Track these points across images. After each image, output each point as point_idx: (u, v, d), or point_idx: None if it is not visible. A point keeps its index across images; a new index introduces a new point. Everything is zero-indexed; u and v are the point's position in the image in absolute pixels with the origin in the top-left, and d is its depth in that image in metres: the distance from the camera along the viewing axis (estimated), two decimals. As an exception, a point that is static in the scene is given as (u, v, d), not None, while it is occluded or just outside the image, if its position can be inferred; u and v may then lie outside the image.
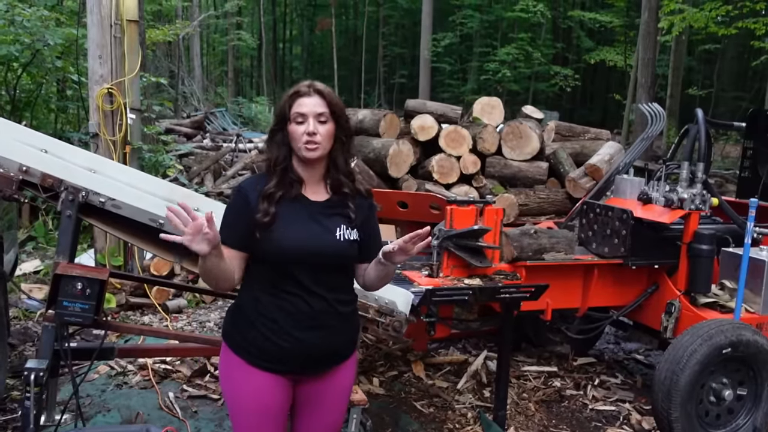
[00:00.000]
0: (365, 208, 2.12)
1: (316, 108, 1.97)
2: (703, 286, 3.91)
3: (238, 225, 1.99)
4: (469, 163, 4.79)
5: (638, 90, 16.79)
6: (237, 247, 1.99)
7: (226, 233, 1.96)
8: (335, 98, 2.02)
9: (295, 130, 1.97)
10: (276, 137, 2.04)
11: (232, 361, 2.06)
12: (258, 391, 2.03)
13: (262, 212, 1.96)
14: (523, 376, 4.50)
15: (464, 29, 29.32)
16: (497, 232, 3.69)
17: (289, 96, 2.01)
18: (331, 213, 2.05)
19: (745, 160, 4.88)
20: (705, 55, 26.55)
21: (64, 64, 7.67)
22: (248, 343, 2.02)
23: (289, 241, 1.96)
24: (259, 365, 2.01)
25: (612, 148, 5.11)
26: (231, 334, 2.09)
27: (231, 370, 2.07)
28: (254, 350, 2.01)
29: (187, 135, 13.60)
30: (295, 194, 2.02)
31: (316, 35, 40.67)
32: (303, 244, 1.97)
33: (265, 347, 2.00)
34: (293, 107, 1.98)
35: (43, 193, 2.82)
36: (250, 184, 2.05)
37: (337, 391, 2.17)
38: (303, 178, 2.04)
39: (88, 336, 4.76)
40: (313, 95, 1.99)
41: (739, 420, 3.60)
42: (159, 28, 12.83)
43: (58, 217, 6.71)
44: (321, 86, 2.02)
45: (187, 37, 21.81)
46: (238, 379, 2.05)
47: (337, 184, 2.06)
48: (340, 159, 2.05)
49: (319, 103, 1.98)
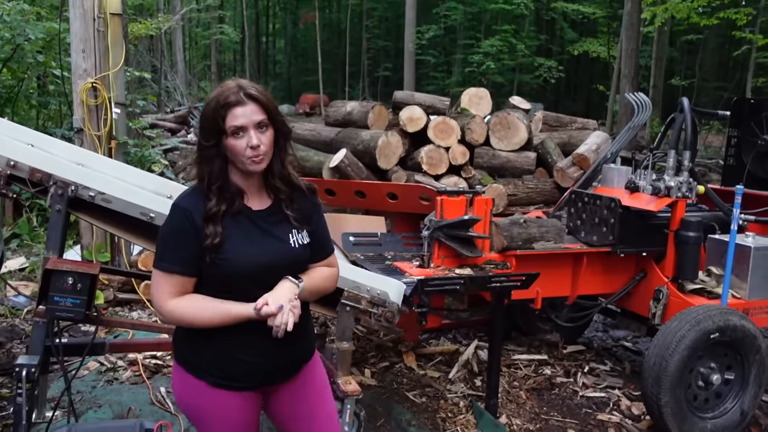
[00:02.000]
0: (308, 206, 1.99)
1: (254, 117, 1.78)
2: (691, 273, 3.95)
3: (188, 250, 1.81)
4: (458, 154, 4.80)
5: (622, 81, 16.95)
6: (191, 273, 1.83)
7: (176, 261, 1.81)
8: (269, 99, 1.83)
9: (235, 145, 1.78)
10: (209, 152, 1.82)
11: (191, 384, 1.92)
12: (225, 412, 1.92)
13: (210, 235, 1.79)
14: (513, 365, 4.53)
15: (448, 21, 29.32)
16: (487, 222, 3.71)
17: (221, 107, 1.77)
18: (277, 220, 1.92)
19: (730, 148, 4.94)
20: (687, 45, 26.77)
21: (45, 59, 7.56)
22: (207, 364, 1.90)
23: (244, 260, 1.83)
24: (223, 385, 1.90)
25: (599, 138, 5.14)
26: (186, 358, 1.94)
27: (192, 395, 1.94)
28: (214, 371, 1.89)
29: (171, 130, 13.50)
30: (239, 207, 1.87)
31: (300, 28, 40.52)
32: (259, 261, 1.84)
33: (226, 366, 1.89)
34: (227, 119, 1.77)
35: (32, 188, 2.79)
36: (191, 203, 1.84)
37: (315, 386, 2.11)
38: (243, 189, 1.89)
39: (76, 333, 4.73)
40: (248, 102, 1.78)
41: (727, 403, 3.65)
42: (141, 22, 12.70)
43: (43, 214, 6.69)
44: (253, 90, 1.80)
45: (170, 32, 21.63)
46: (201, 403, 1.93)
47: (275, 189, 1.92)
48: (277, 164, 1.89)
49: (255, 110, 1.78)
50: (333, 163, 4.64)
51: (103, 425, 2.96)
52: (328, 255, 2.09)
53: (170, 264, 1.82)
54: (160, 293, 1.84)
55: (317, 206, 2.04)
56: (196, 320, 1.84)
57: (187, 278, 1.83)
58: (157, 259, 1.85)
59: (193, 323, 1.85)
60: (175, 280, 1.82)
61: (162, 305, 1.84)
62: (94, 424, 3.06)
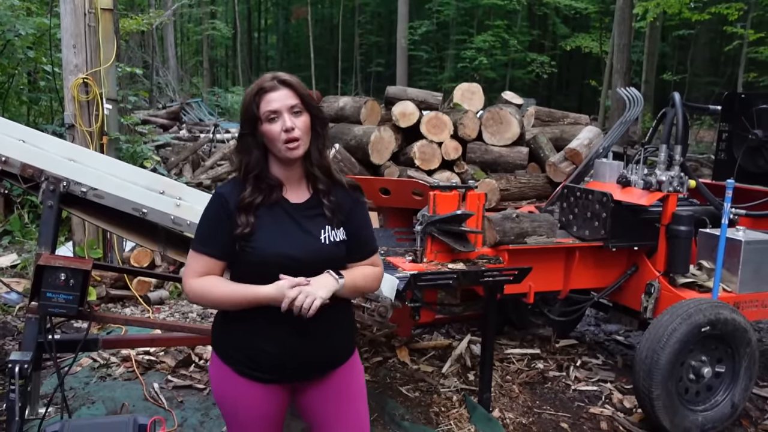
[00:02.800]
0: (348, 202, 1.98)
1: (287, 101, 1.82)
2: (682, 267, 3.98)
3: (221, 235, 1.87)
4: (451, 149, 4.81)
5: (614, 76, 16.97)
6: (221, 257, 1.89)
7: (208, 243, 1.88)
8: (304, 87, 1.88)
9: (270, 130, 1.82)
10: (246, 142, 1.88)
11: (223, 370, 1.96)
12: (249, 402, 1.94)
13: (241, 224, 1.84)
14: (506, 359, 4.55)
15: (440, 17, 29.26)
16: (480, 216, 3.71)
17: (255, 94, 1.84)
18: (313, 214, 1.93)
19: (721, 142, 4.96)
20: (679, 40, 26.81)
21: (36, 55, 7.52)
22: (237, 351, 1.93)
23: (272, 251, 1.85)
24: (249, 375, 1.92)
25: (591, 133, 5.16)
26: (220, 343, 1.99)
27: (222, 380, 1.98)
28: (243, 359, 1.92)
29: (163, 126, 13.44)
30: (276, 199, 1.89)
31: (292, 24, 40.36)
32: (285, 253, 1.86)
33: (254, 356, 1.91)
34: (261, 105, 1.82)
35: (23, 184, 2.78)
36: (229, 191, 1.90)
37: (345, 395, 2.05)
38: (282, 180, 1.91)
39: (69, 329, 4.72)
40: (281, 88, 1.83)
41: (718, 396, 3.68)
42: (132, 18, 12.60)
43: (34, 210, 6.65)
44: (286, 76, 1.86)
45: (161, 27, 21.49)
46: (229, 389, 1.96)
47: (315, 180, 1.94)
48: (315, 152, 1.91)
49: (288, 95, 1.83)
50: (326, 158, 4.64)
51: (96, 421, 2.95)
52: (371, 254, 2.05)
53: (200, 245, 1.89)
54: (188, 271, 1.91)
55: (360, 203, 2.02)
56: (209, 297, 1.87)
57: (213, 260, 1.88)
58: (192, 240, 1.95)
59: (206, 299, 1.88)
60: (203, 260, 1.88)
61: (186, 281, 1.90)
62: (88, 420, 3.04)
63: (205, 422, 3.50)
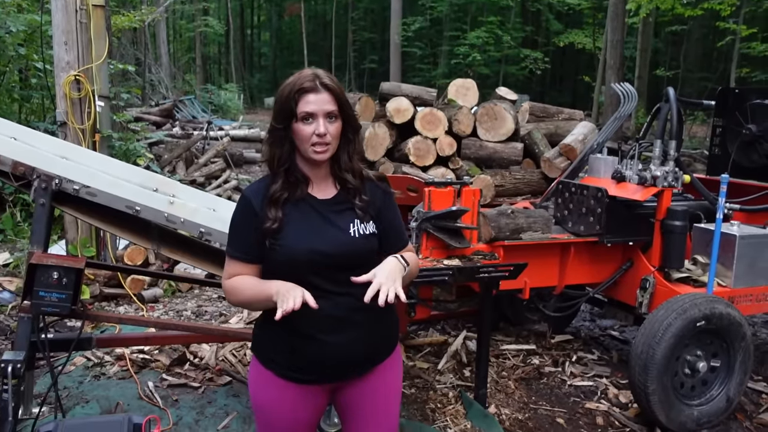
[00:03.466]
0: (379, 195, 1.98)
1: (325, 106, 1.80)
2: (677, 262, 3.98)
3: (247, 237, 1.87)
4: (445, 145, 4.80)
5: (607, 72, 17.00)
6: (251, 260, 1.89)
7: (236, 247, 1.90)
8: (343, 92, 1.86)
9: (302, 130, 1.81)
10: (276, 135, 1.87)
11: (262, 374, 1.95)
12: (287, 405, 1.93)
13: (270, 218, 1.83)
14: (502, 355, 4.55)
15: (434, 13, 29.26)
16: (475, 212, 3.71)
17: (296, 91, 1.80)
18: (341, 209, 1.91)
19: (715, 137, 4.97)
20: (671, 36, 26.89)
21: (27, 52, 7.46)
22: (276, 354, 1.92)
23: (301, 246, 1.83)
24: (290, 377, 1.91)
25: (585, 128, 5.15)
26: (259, 347, 1.98)
27: (261, 385, 1.96)
28: (283, 361, 1.91)
29: (156, 123, 13.39)
30: (302, 194, 1.89)
31: (285, 21, 40.27)
32: (316, 248, 1.84)
33: (294, 357, 1.89)
34: (300, 104, 1.80)
35: (15, 182, 2.76)
36: (254, 190, 1.90)
37: (382, 393, 2.02)
38: (309, 177, 1.90)
39: (62, 328, 4.69)
40: (322, 91, 1.81)
41: (713, 390, 3.69)
42: (124, 14, 12.54)
43: (27, 208, 6.61)
44: (328, 79, 1.83)
45: (153, 24, 21.40)
46: (269, 393, 1.94)
47: (343, 180, 1.93)
48: (344, 157, 1.91)
49: (328, 99, 1.81)
50: (320, 155, 4.62)
51: (90, 420, 2.94)
52: (406, 244, 2.04)
53: (232, 249, 1.92)
54: (224, 274, 1.94)
55: (389, 194, 2.03)
56: (238, 296, 1.89)
57: (245, 264, 1.90)
58: (226, 243, 1.97)
59: (237, 299, 1.91)
60: (235, 264, 1.91)
61: (223, 284, 1.94)
62: (82, 420, 3.03)
63: (200, 420, 3.48)
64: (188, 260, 3.29)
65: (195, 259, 3.31)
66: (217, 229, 3.05)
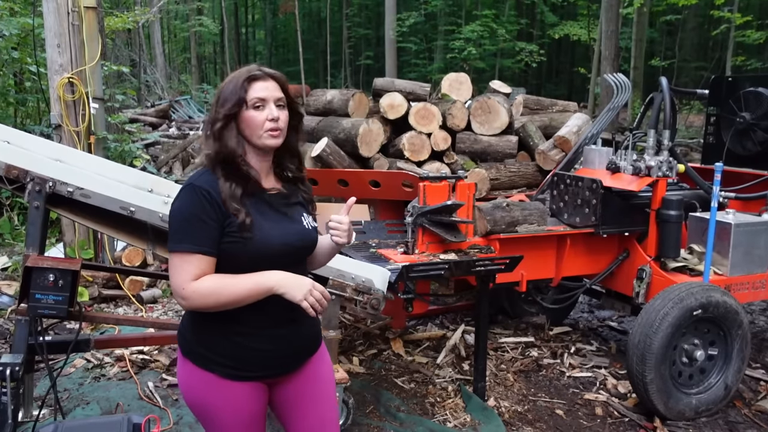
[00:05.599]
0: (310, 190, 2.07)
1: (275, 92, 1.85)
2: (673, 251, 3.99)
3: (210, 229, 1.77)
4: (440, 140, 4.80)
5: (602, 63, 16.97)
6: (212, 253, 1.78)
7: (201, 240, 1.75)
8: (287, 82, 1.92)
9: (254, 117, 1.82)
10: (221, 129, 1.82)
11: (202, 378, 1.86)
12: (237, 404, 1.88)
13: (239, 213, 1.77)
14: (500, 348, 4.56)
15: (428, 8, 29.18)
16: (470, 206, 3.72)
17: (245, 80, 1.82)
18: (291, 203, 1.95)
19: (709, 126, 4.97)
20: (666, 26, 26.86)
21: (20, 55, 7.45)
22: (219, 355, 1.85)
23: (271, 238, 1.82)
24: (235, 376, 1.86)
25: (580, 120, 5.15)
26: (194, 350, 1.88)
27: (201, 389, 1.88)
28: (228, 361, 1.84)
29: (152, 124, 13.36)
30: (254, 189, 1.86)
31: (279, 19, 40.16)
32: (283, 240, 1.85)
33: (242, 355, 1.85)
34: (250, 92, 1.82)
35: (9, 185, 2.76)
36: (208, 182, 1.80)
37: (322, 383, 2.05)
38: (257, 170, 1.89)
39: (61, 330, 4.70)
40: (269, 79, 1.86)
41: (711, 379, 3.71)
42: (118, 16, 12.50)
43: (24, 212, 6.61)
44: (270, 70, 1.89)
45: (147, 25, 21.35)
46: (212, 395, 1.87)
47: (287, 170, 1.97)
48: (293, 141, 1.95)
49: (276, 87, 1.87)
50: (315, 152, 4.62)
51: (90, 422, 2.94)
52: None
53: (191, 244, 1.75)
54: (181, 276, 1.75)
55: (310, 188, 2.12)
56: (224, 296, 1.75)
57: (209, 258, 1.77)
58: (174, 242, 1.77)
59: (219, 301, 1.75)
60: (197, 260, 1.75)
61: (185, 287, 1.74)
62: (81, 421, 3.03)
63: (200, 419, 3.49)
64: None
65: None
66: (213, 228, 3.05)
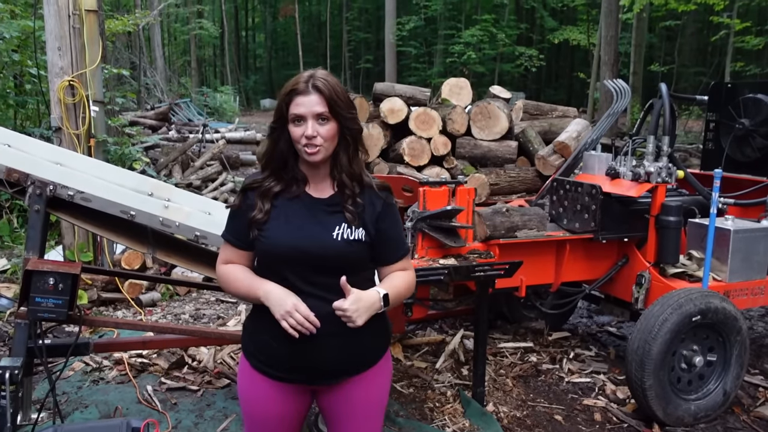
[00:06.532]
0: (378, 204, 1.93)
1: (314, 108, 1.80)
2: (672, 257, 3.99)
3: (239, 224, 1.93)
4: (440, 145, 4.81)
5: (602, 68, 17.02)
6: (243, 246, 1.95)
7: (230, 230, 1.97)
8: (337, 94, 1.82)
9: (294, 132, 1.83)
10: (274, 134, 1.91)
11: (244, 367, 2.00)
12: (264, 399, 1.95)
13: (258, 210, 1.88)
14: (499, 353, 4.56)
15: (428, 12, 29.26)
16: (470, 211, 3.72)
17: (286, 93, 1.83)
18: (333, 210, 1.90)
19: (709, 132, 4.98)
20: (665, 31, 26.93)
21: (21, 58, 7.46)
22: (256, 349, 1.95)
23: (281, 241, 1.85)
24: (266, 372, 1.93)
25: (579, 125, 5.17)
26: (244, 339, 2.03)
27: (243, 377, 2.01)
28: (262, 356, 1.94)
29: (152, 127, 13.39)
30: (297, 192, 1.90)
31: (279, 22, 40.27)
32: (294, 243, 1.84)
33: (269, 353, 1.92)
34: (290, 107, 1.83)
35: (9, 189, 2.76)
36: (252, 179, 1.96)
37: (362, 403, 1.99)
38: (306, 176, 1.92)
39: (60, 333, 4.69)
40: (312, 93, 1.80)
41: (710, 385, 3.71)
42: (118, 19, 12.53)
43: (23, 214, 6.61)
44: (321, 82, 1.81)
45: (148, 28, 21.39)
46: (251, 387, 1.98)
47: (341, 183, 1.91)
48: (344, 159, 1.89)
49: (317, 101, 1.80)
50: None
51: (89, 425, 2.94)
52: (402, 257, 2.02)
53: (226, 233, 1.99)
54: (219, 258, 2.02)
55: (389, 205, 1.97)
56: (230, 288, 1.97)
57: (236, 249, 1.97)
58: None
59: (228, 290, 1.99)
60: (227, 248, 1.98)
61: (217, 267, 2.01)
62: (80, 425, 3.03)
63: (199, 423, 3.49)
64: (184, 264, 3.29)
65: (191, 262, 3.32)
66: (213, 232, 3.06)
